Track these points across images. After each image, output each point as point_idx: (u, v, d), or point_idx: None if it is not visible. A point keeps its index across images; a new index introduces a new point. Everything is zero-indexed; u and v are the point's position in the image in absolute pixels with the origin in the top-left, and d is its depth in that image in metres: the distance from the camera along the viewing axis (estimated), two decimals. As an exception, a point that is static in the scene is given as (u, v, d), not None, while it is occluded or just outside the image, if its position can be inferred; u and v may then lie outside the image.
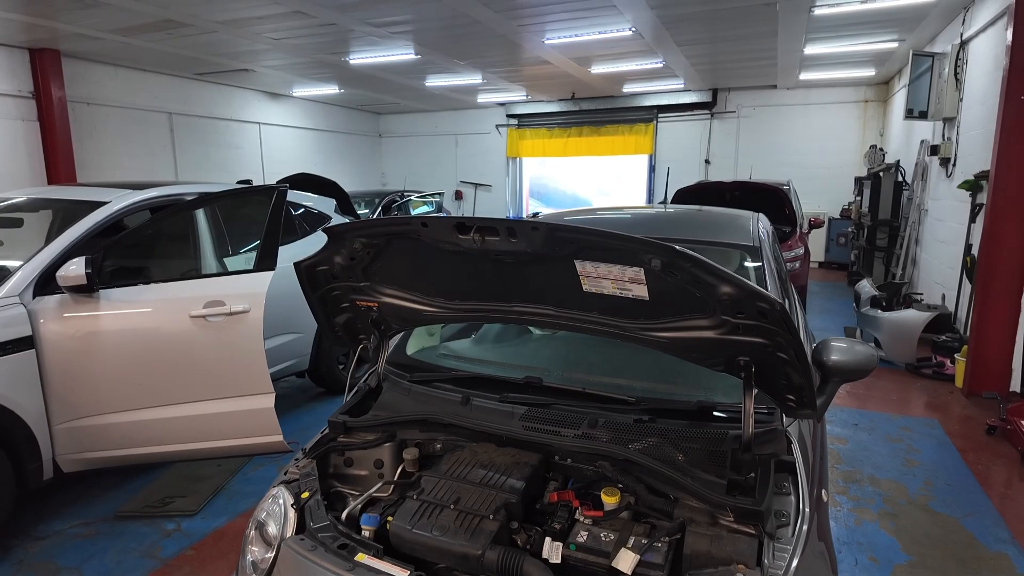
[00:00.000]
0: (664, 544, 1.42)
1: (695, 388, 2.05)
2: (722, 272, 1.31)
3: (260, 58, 9.32)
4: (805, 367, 1.43)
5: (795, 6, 6.60)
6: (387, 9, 6.74)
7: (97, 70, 9.37)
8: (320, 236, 4.43)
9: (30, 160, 8.58)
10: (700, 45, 8.64)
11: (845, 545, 2.89)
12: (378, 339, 2.05)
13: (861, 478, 3.55)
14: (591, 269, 1.46)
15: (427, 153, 16.00)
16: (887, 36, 8.13)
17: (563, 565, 1.44)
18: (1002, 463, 3.77)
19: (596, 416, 1.81)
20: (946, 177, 6.75)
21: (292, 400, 4.83)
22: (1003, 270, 4.77)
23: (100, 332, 2.98)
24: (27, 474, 2.87)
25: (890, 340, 5.55)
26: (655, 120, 13.42)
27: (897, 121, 9.81)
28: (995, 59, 5.35)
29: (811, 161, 12.03)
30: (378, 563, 1.43)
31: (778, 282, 2.46)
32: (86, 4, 6.44)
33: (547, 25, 7.46)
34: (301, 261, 1.76)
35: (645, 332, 1.60)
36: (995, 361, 4.81)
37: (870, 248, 8.99)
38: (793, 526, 1.42)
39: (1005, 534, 3.00)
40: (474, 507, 1.52)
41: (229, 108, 11.77)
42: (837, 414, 4.47)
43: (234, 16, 6.96)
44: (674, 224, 3.30)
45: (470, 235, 1.46)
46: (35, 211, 3.81)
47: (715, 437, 1.70)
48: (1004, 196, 4.71)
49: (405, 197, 9.39)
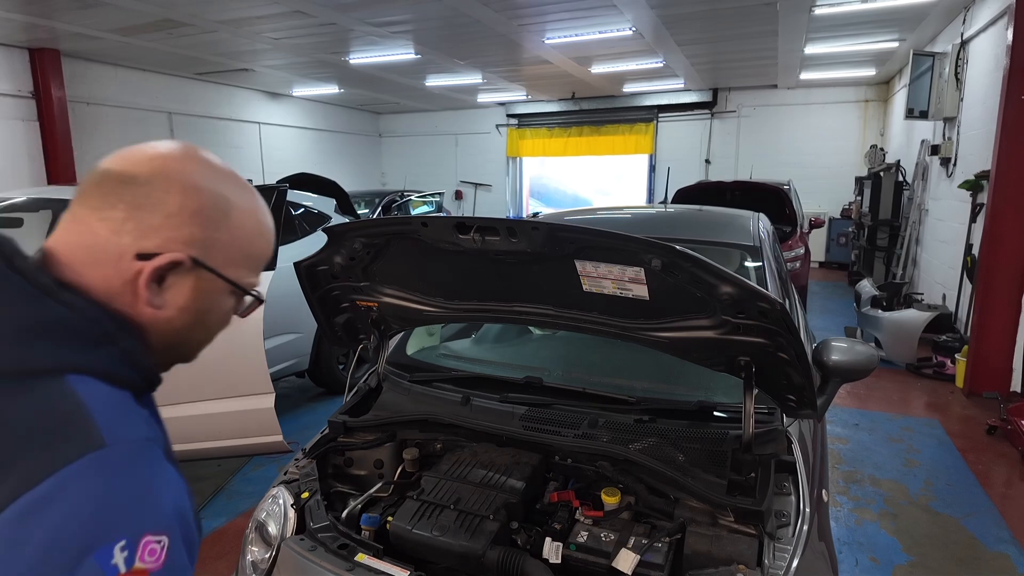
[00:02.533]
0: (664, 544, 1.42)
1: (695, 388, 2.05)
2: (722, 272, 1.31)
3: (260, 58, 9.32)
4: (806, 367, 1.43)
5: (795, 6, 6.59)
6: (387, 9, 6.73)
7: (97, 70, 9.37)
8: (320, 236, 4.43)
9: (30, 160, 8.57)
10: (700, 45, 8.64)
11: (846, 545, 2.88)
12: (378, 339, 2.04)
13: (862, 478, 3.55)
14: (591, 269, 1.45)
15: (427, 153, 16.00)
16: (887, 36, 8.13)
17: (563, 565, 1.43)
18: (1003, 463, 3.76)
19: (596, 416, 1.81)
20: (947, 177, 6.75)
21: (292, 400, 4.82)
22: (1004, 270, 4.76)
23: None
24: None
25: (890, 340, 5.55)
26: (655, 120, 13.41)
27: (898, 121, 9.80)
28: (995, 59, 5.35)
29: (811, 161, 12.02)
30: (378, 563, 1.43)
31: (778, 282, 2.46)
32: (86, 4, 6.44)
33: (547, 25, 7.46)
34: (301, 261, 1.76)
35: (645, 332, 1.60)
36: (995, 361, 4.81)
37: (870, 248, 8.98)
38: (793, 526, 1.42)
39: (1006, 534, 3.00)
40: (474, 507, 1.52)
41: (229, 108, 11.77)
42: (838, 414, 4.47)
43: (234, 16, 6.95)
44: (674, 224, 3.30)
45: (470, 235, 1.46)
46: (35, 211, 3.81)
47: (715, 437, 1.70)
48: (1005, 196, 4.71)
49: (405, 197, 9.38)
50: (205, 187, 0.72)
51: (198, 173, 0.72)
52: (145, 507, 0.60)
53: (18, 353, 0.62)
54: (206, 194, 0.72)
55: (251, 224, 0.77)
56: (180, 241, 0.69)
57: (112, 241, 0.68)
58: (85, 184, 0.71)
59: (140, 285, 0.68)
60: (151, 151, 0.72)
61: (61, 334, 0.64)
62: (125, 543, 0.56)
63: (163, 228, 0.69)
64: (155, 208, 0.69)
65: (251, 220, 0.77)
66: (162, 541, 0.59)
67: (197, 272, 0.72)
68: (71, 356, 0.64)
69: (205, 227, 0.71)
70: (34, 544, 0.53)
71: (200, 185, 0.71)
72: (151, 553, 0.57)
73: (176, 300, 0.72)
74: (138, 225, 0.68)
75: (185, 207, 0.70)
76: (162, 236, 0.69)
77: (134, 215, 0.68)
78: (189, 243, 0.70)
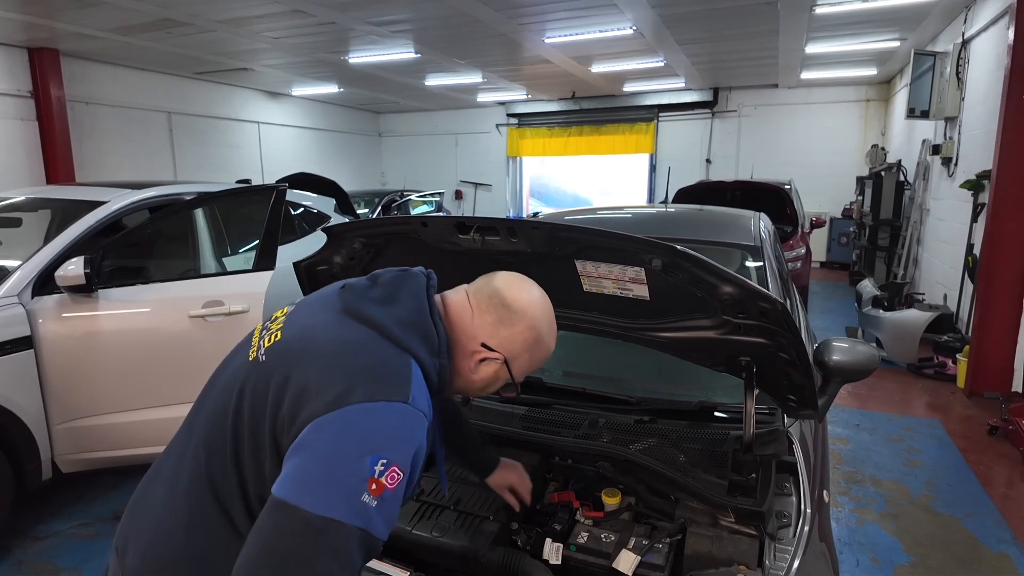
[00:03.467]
0: (665, 545, 1.41)
1: (696, 388, 2.05)
2: (723, 272, 1.30)
3: (259, 57, 9.31)
4: (806, 367, 1.43)
5: (796, 5, 6.59)
6: (387, 8, 6.73)
7: (96, 69, 9.36)
8: (319, 236, 4.42)
9: (29, 160, 8.56)
10: (701, 44, 8.63)
11: (846, 546, 2.88)
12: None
13: (862, 479, 3.54)
14: (591, 269, 1.45)
15: (427, 153, 15.98)
16: (888, 35, 8.12)
17: (563, 566, 1.43)
18: (1004, 463, 3.76)
19: (596, 416, 1.81)
20: (948, 177, 6.74)
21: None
22: (1005, 270, 4.75)
23: (99, 332, 2.97)
24: (26, 475, 2.86)
25: (892, 340, 5.54)
26: (656, 119, 13.40)
27: (899, 120, 9.80)
28: (997, 58, 5.34)
29: (812, 160, 12.01)
30: (378, 563, 1.42)
31: (779, 282, 2.45)
32: (85, 3, 6.43)
33: (547, 24, 7.45)
34: (300, 261, 1.75)
35: (646, 332, 1.60)
36: (997, 361, 4.80)
37: (872, 248, 8.97)
38: (794, 527, 1.42)
39: (1007, 534, 3.00)
40: (474, 508, 1.51)
41: (228, 107, 11.76)
42: (838, 414, 4.46)
43: (233, 15, 6.95)
44: (675, 224, 3.29)
45: (470, 235, 1.45)
46: (34, 211, 3.81)
47: (716, 438, 1.70)
48: (1006, 195, 4.70)
49: (405, 197, 9.38)
50: (537, 329, 1.14)
51: (542, 320, 1.15)
52: (405, 450, 0.92)
53: (399, 331, 1.02)
54: (535, 333, 1.14)
55: (543, 355, 1.18)
56: (507, 349, 1.12)
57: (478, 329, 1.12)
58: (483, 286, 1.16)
59: (474, 358, 1.13)
60: (527, 294, 1.15)
61: (424, 338, 1.04)
62: (386, 462, 0.89)
63: (505, 340, 1.12)
64: (509, 327, 1.12)
65: (544, 352, 1.18)
66: (402, 476, 0.91)
67: (501, 365, 1.13)
68: (421, 351, 1.03)
69: (523, 349, 1.14)
70: (355, 431, 0.90)
71: (536, 327, 1.13)
72: (391, 477, 0.89)
73: (482, 374, 1.14)
74: (495, 332, 1.12)
75: (523, 335, 1.13)
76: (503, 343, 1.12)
77: (497, 325, 1.12)
78: (510, 353, 1.13)
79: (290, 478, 0.88)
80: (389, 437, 0.91)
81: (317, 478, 0.87)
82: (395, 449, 0.91)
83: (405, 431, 0.93)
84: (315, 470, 0.87)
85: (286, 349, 1.02)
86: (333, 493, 0.86)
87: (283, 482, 0.88)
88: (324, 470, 0.87)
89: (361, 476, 0.87)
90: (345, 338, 1.01)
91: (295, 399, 0.94)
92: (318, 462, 0.88)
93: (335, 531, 0.84)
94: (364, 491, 0.86)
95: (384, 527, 0.90)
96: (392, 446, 0.91)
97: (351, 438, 0.89)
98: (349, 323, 1.03)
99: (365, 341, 1.00)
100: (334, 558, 0.84)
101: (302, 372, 0.96)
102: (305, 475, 0.87)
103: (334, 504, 0.85)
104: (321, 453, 0.88)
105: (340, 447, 0.88)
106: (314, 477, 0.87)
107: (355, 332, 1.02)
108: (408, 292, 1.07)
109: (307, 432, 0.90)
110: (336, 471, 0.87)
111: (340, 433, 0.89)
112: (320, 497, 0.85)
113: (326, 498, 0.85)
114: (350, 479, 0.87)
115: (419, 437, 0.95)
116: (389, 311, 1.04)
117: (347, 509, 0.85)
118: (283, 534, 0.85)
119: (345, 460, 0.88)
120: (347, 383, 0.93)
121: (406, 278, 1.10)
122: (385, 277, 1.11)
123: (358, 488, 0.86)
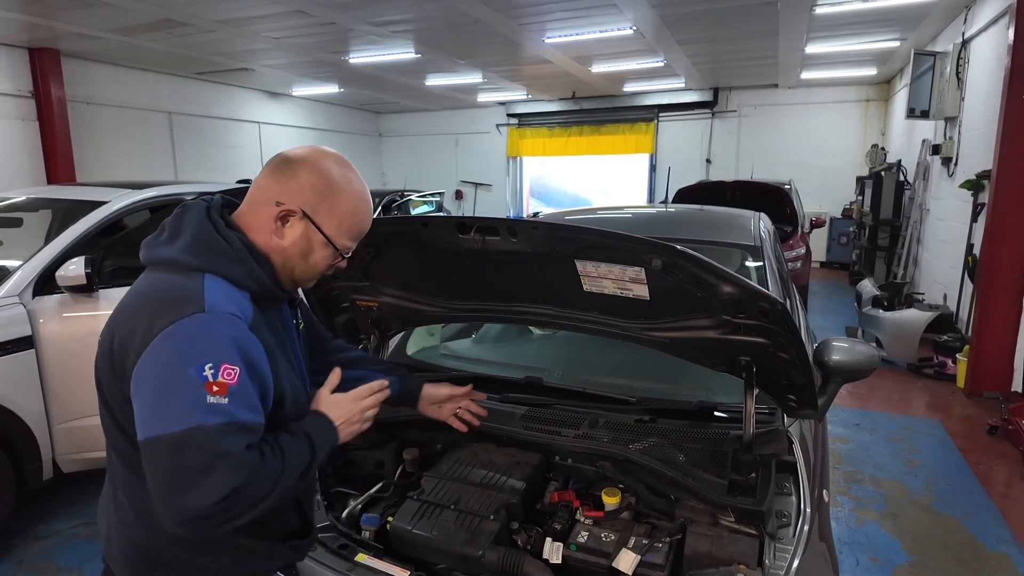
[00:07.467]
0: (665, 544, 1.42)
1: (696, 388, 2.05)
2: (723, 272, 1.30)
3: (260, 57, 9.31)
4: (806, 367, 1.43)
5: (796, 5, 6.59)
6: (387, 8, 6.73)
7: (96, 69, 9.36)
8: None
9: (29, 160, 8.56)
10: (701, 44, 8.63)
11: (846, 545, 2.88)
12: (378, 339, 2.04)
13: (862, 478, 3.54)
14: (592, 269, 1.45)
15: (427, 153, 15.98)
16: (888, 35, 8.12)
17: (564, 565, 1.43)
18: (1003, 463, 3.76)
19: (597, 416, 1.81)
20: (948, 176, 6.74)
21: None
22: (1005, 270, 4.75)
23: (100, 332, 2.97)
24: (27, 474, 2.87)
25: (891, 340, 5.54)
26: (656, 119, 13.40)
27: (899, 120, 9.79)
28: (997, 58, 5.34)
29: (812, 160, 12.00)
30: (378, 563, 1.42)
31: (779, 282, 2.45)
32: (86, 3, 6.43)
33: (547, 24, 7.45)
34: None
35: (646, 332, 1.60)
36: (996, 361, 4.80)
37: (872, 248, 8.97)
38: (794, 526, 1.42)
39: (1006, 534, 3.00)
40: (474, 507, 1.52)
41: (229, 107, 11.76)
42: (838, 414, 4.47)
43: (234, 15, 6.95)
44: (675, 224, 3.29)
45: (470, 235, 1.46)
46: (34, 211, 3.81)
47: (716, 437, 1.70)
48: (1006, 195, 4.70)
49: (405, 197, 9.37)
50: (324, 173, 1.12)
51: (328, 166, 1.13)
52: (223, 349, 0.99)
53: (187, 258, 1.07)
54: (322, 178, 1.12)
55: (349, 204, 1.15)
56: (300, 200, 1.11)
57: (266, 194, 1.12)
58: (268, 163, 1.15)
59: (274, 223, 1.11)
60: (307, 148, 1.15)
61: (216, 251, 1.08)
62: (212, 364, 0.97)
63: (294, 192, 1.11)
64: (293, 178, 1.11)
65: (350, 202, 1.15)
66: (236, 370, 0.99)
67: (306, 222, 1.12)
68: (218, 265, 1.07)
69: (317, 196, 1.11)
70: (167, 355, 0.98)
71: (321, 171, 1.12)
72: (227, 375, 0.98)
73: (290, 238, 1.13)
74: (283, 188, 1.11)
75: (310, 181, 1.11)
76: (292, 195, 1.11)
77: (283, 181, 1.12)
78: (304, 203, 1.11)
79: (140, 417, 0.98)
80: (201, 345, 0.98)
81: (160, 404, 0.97)
82: (213, 352, 0.98)
83: (214, 334, 1.00)
84: (155, 400, 0.97)
85: (109, 323, 1.12)
86: (178, 408, 0.95)
87: (139, 426, 0.98)
88: (162, 395, 0.97)
89: (195, 384, 0.96)
90: (139, 289, 1.11)
91: (120, 357, 1.04)
92: (153, 393, 0.98)
93: (200, 434, 0.95)
94: (206, 395, 0.96)
95: (250, 412, 1.01)
96: (209, 350, 0.98)
97: (168, 361, 0.98)
98: (145, 276, 1.13)
99: (154, 282, 1.09)
100: (215, 454, 0.95)
101: (119, 333, 1.06)
102: (149, 408, 0.97)
103: (184, 416, 0.95)
104: (152, 385, 0.98)
105: (163, 373, 0.98)
106: (157, 405, 0.97)
107: (147, 279, 1.11)
108: (189, 220, 1.11)
109: (134, 377, 1.00)
110: (171, 392, 0.97)
111: (157, 362, 0.98)
112: (169, 417, 0.95)
113: (174, 415, 0.95)
114: (186, 392, 0.96)
115: (231, 333, 1.02)
116: (176, 245, 1.09)
117: (200, 414, 0.95)
118: (165, 462, 0.95)
119: (173, 380, 0.97)
120: (148, 322, 1.01)
121: (184, 211, 1.14)
122: (167, 219, 1.15)
123: (199, 394, 0.96)
